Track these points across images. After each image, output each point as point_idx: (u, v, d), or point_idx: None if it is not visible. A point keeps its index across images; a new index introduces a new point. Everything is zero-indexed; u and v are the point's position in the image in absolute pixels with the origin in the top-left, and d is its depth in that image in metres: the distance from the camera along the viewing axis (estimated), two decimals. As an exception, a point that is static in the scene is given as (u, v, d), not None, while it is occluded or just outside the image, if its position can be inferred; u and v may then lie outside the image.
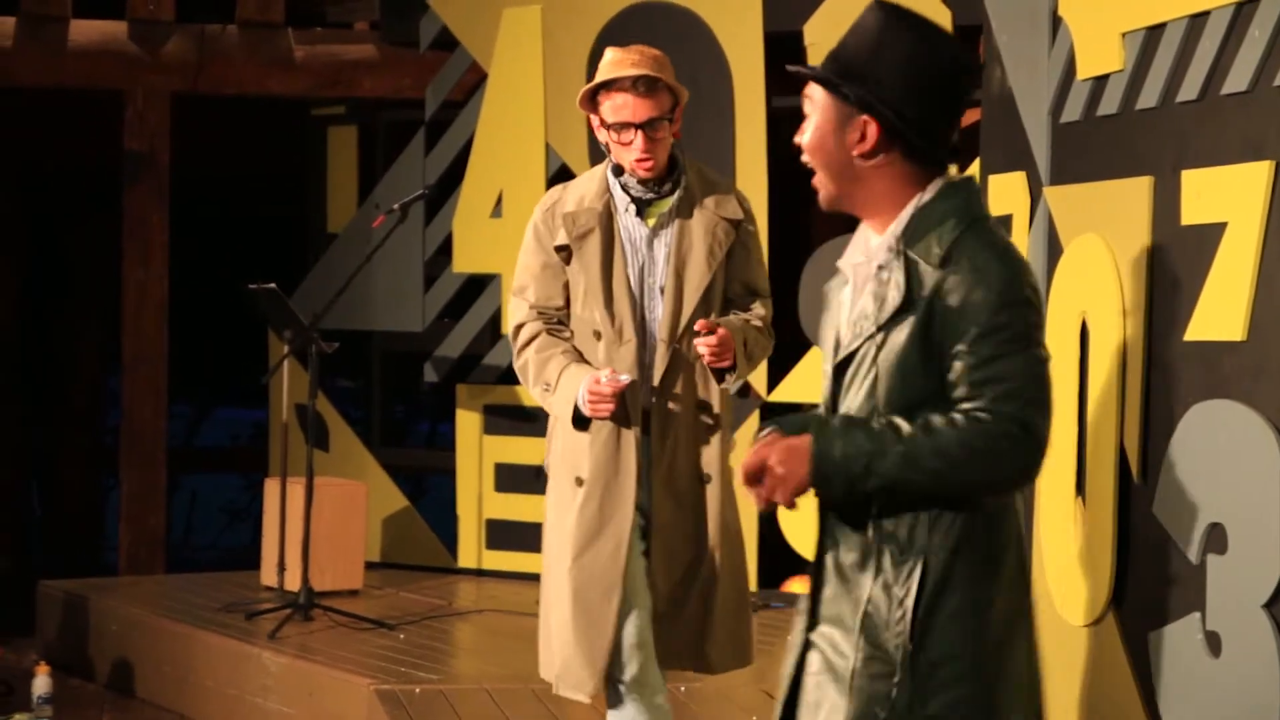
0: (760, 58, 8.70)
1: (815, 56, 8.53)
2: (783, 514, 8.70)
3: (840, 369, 3.93)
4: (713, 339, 5.22)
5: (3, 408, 12.77)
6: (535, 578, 9.32)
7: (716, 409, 5.43)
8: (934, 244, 3.67)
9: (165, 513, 10.24)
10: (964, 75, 3.87)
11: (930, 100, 3.76)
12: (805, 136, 3.76)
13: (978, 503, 3.68)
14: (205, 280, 13.63)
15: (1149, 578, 5.92)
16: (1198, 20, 5.67)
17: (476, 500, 9.59)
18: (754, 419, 8.78)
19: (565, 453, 5.73)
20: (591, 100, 5.44)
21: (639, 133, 5.28)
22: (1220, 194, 5.51)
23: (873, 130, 3.70)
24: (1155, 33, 5.92)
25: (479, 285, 9.64)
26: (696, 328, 5.26)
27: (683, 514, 5.46)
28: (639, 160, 5.32)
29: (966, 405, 3.62)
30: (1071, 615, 6.32)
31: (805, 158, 3.79)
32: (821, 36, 8.52)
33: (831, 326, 3.97)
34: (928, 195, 3.75)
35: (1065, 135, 6.55)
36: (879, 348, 3.72)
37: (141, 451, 10.02)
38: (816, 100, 3.76)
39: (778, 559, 8.90)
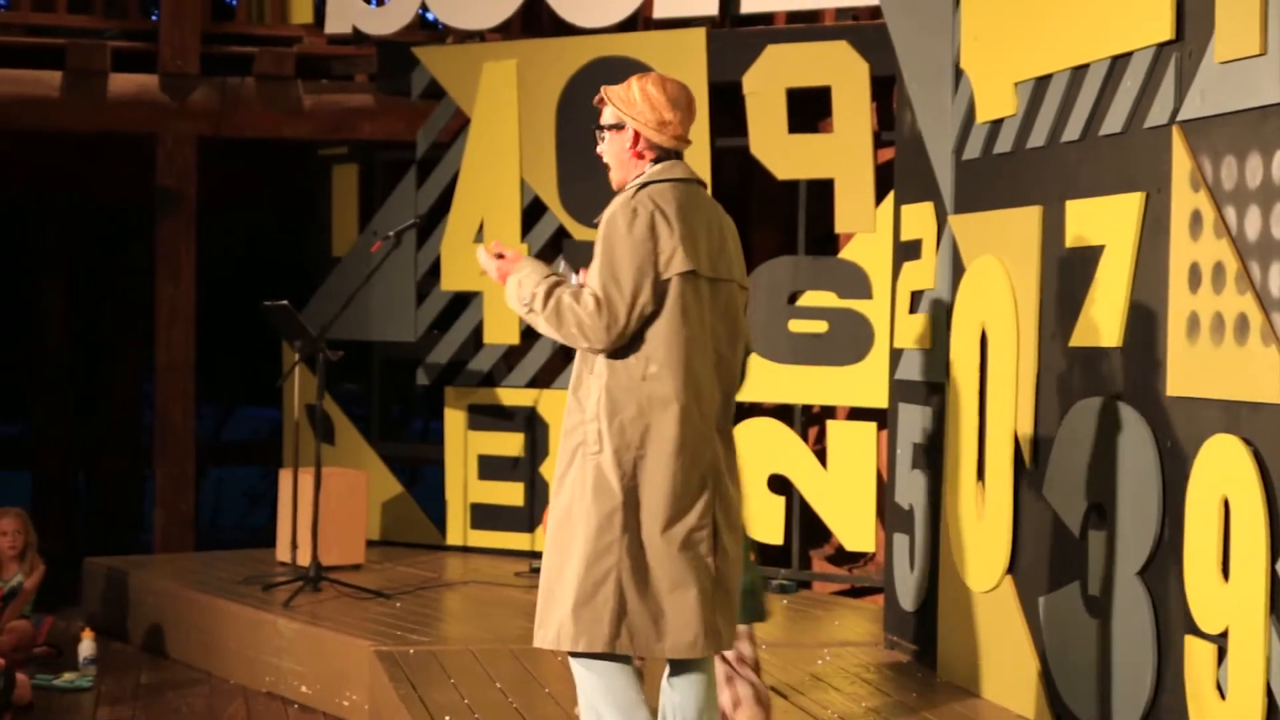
0: (705, 104, 8.69)
1: (754, 104, 8.53)
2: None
3: None
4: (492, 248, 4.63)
5: (54, 412, 12.70)
6: (513, 553, 9.36)
7: (582, 414, 4.51)
8: None
9: (194, 499, 10.18)
10: None
11: None
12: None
13: None
14: (228, 298, 13.57)
15: (1039, 550, 5.93)
16: (1079, 72, 5.69)
17: (463, 487, 9.56)
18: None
19: None
20: None
21: None
22: (1099, 221, 5.53)
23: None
24: (1043, 83, 5.94)
25: (464, 301, 9.61)
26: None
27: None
28: None
29: None
30: (974, 582, 6.34)
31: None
32: (759, 86, 8.51)
33: None
34: None
35: (967, 170, 6.56)
36: None
37: (173, 447, 9.96)
38: None
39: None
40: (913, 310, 7.01)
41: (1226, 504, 4.81)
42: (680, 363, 4.40)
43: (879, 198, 8.25)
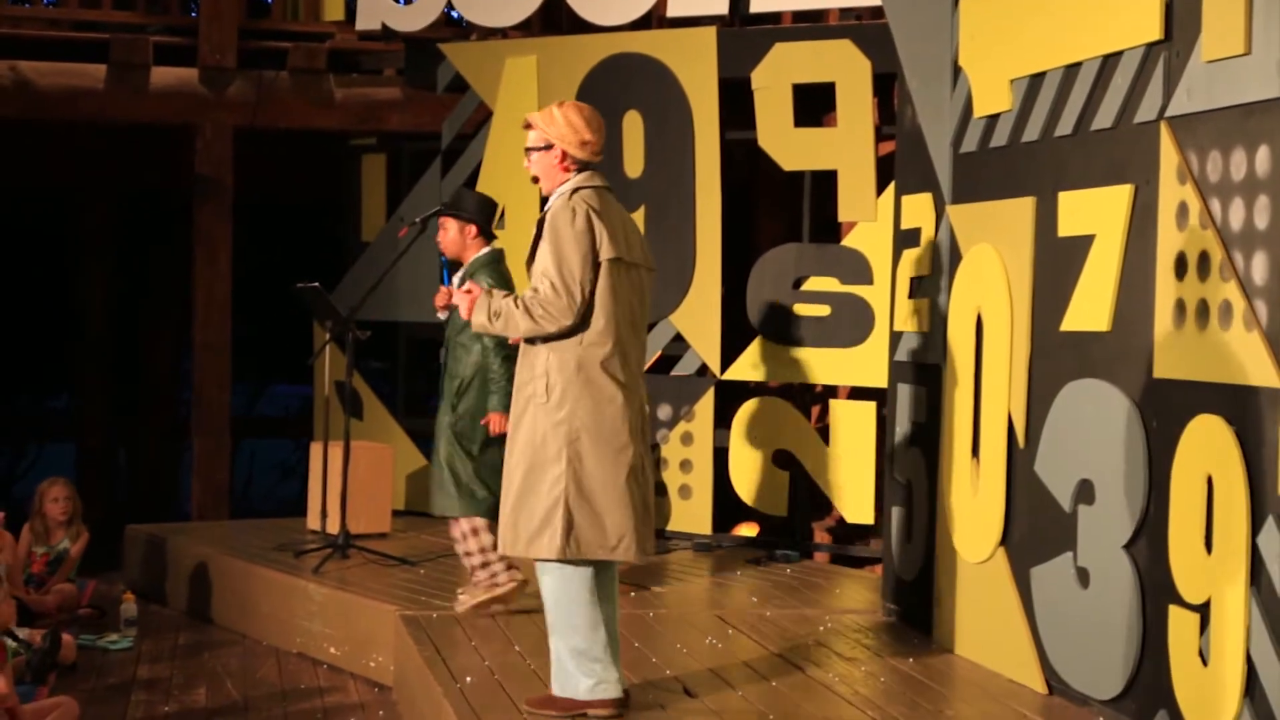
0: (715, 99, 8.67)
1: (761, 99, 8.51)
2: (735, 474, 8.69)
3: None
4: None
5: (97, 387, 12.72)
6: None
7: (532, 371, 5.26)
8: None
9: (229, 470, 10.20)
10: None
11: None
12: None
13: None
14: (262, 280, 13.57)
15: (1031, 523, 5.92)
16: (1072, 70, 5.67)
17: (483, 460, 9.55)
18: (710, 394, 8.76)
19: None
20: None
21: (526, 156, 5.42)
22: (1090, 212, 5.51)
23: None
24: (1037, 80, 5.92)
25: (486, 284, 9.60)
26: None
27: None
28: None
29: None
30: (969, 554, 6.33)
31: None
32: (767, 81, 8.49)
33: None
34: None
35: (964, 163, 6.54)
36: None
37: (209, 421, 9.98)
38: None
39: (727, 508, 8.88)
40: (912, 295, 6.99)
41: (1210, 481, 4.80)
42: (613, 330, 5.21)
43: (880, 188, 8.23)
